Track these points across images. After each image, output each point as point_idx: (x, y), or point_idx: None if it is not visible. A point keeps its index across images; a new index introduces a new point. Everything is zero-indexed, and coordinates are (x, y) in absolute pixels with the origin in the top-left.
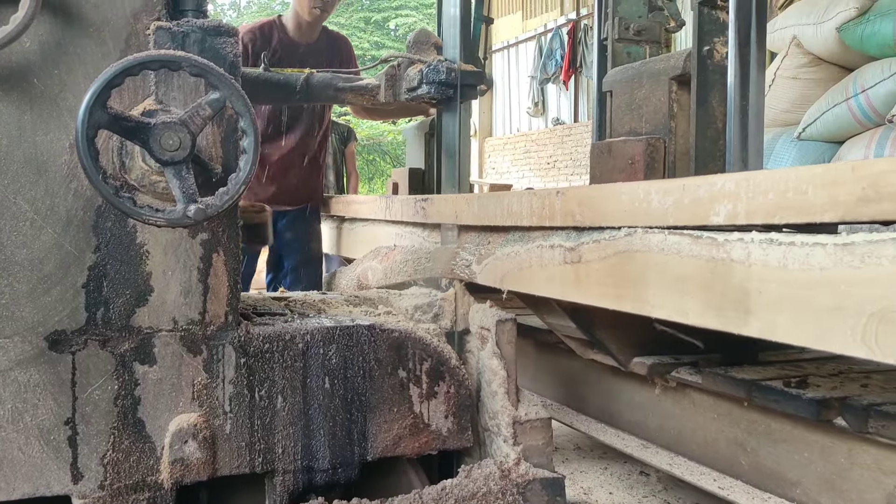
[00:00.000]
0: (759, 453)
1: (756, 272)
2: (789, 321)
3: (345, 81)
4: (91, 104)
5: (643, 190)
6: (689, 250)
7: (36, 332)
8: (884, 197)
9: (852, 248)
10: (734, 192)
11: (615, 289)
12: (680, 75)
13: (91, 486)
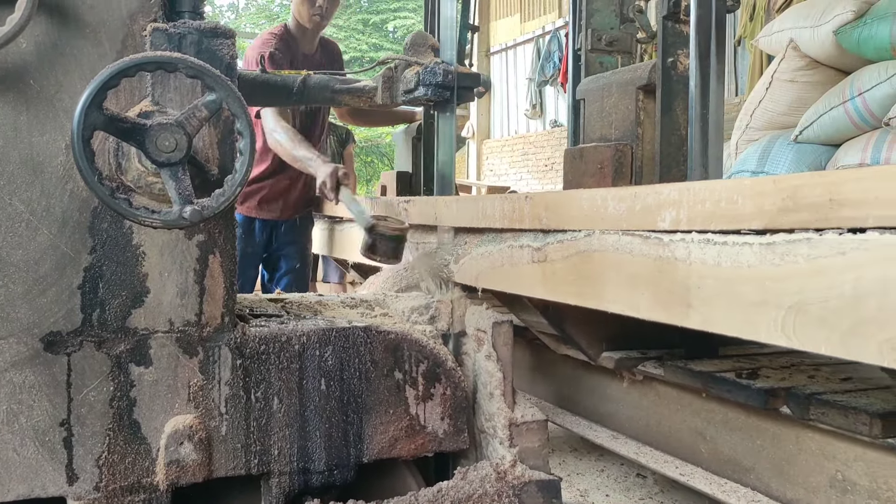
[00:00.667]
0: (718, 441)
1: (695, 269)
2: (723, 314)
3: (342, 83)
4: (87, 105)
5: (601, 196)
6: (639, 250)
7: (31, 334)
8: (801, 207)
9: (773, 247)
10: (678, 200)
11: (577, 286)
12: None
13: (86, 488)
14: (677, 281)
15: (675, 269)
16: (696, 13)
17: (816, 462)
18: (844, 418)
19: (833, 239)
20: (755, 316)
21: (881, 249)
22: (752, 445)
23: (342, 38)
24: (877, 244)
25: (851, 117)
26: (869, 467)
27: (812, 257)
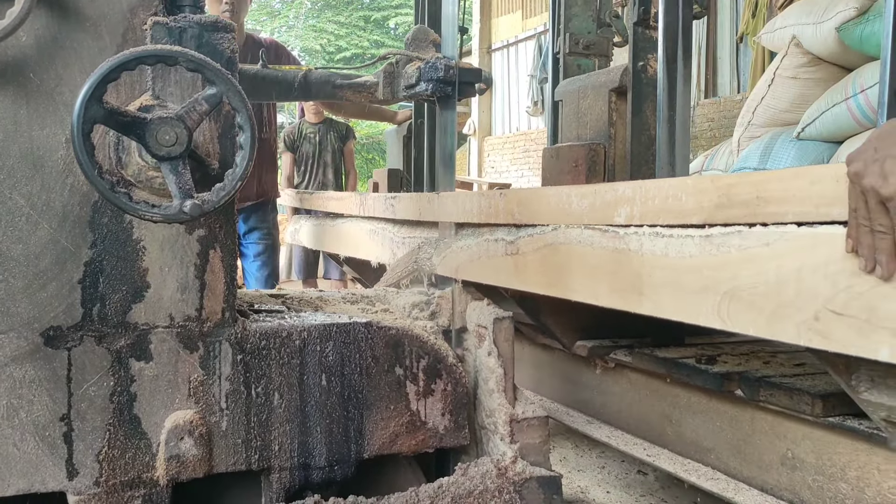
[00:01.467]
0: (682, 424)
1: (647, 260)
2: (670, 300)
3: (343, 79)
4: (87, 99)
5: (566, 193)
6: (599, 242)
7: (31, 328)
8: (734, 204)
9: (711, 238)
10: (632, 197)
11: (546, 277)
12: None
13: (86, 483)
14: (631, 271)
15: (630, 260)
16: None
17: (769, 442)
18: (790, 399)
19: (760, 231)
20: (696, 302)
21: (798, 240)
22: (713, 427)
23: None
24: (794, 236)
25: (854, 114)
26: (815, 445)
27: (743, 248)
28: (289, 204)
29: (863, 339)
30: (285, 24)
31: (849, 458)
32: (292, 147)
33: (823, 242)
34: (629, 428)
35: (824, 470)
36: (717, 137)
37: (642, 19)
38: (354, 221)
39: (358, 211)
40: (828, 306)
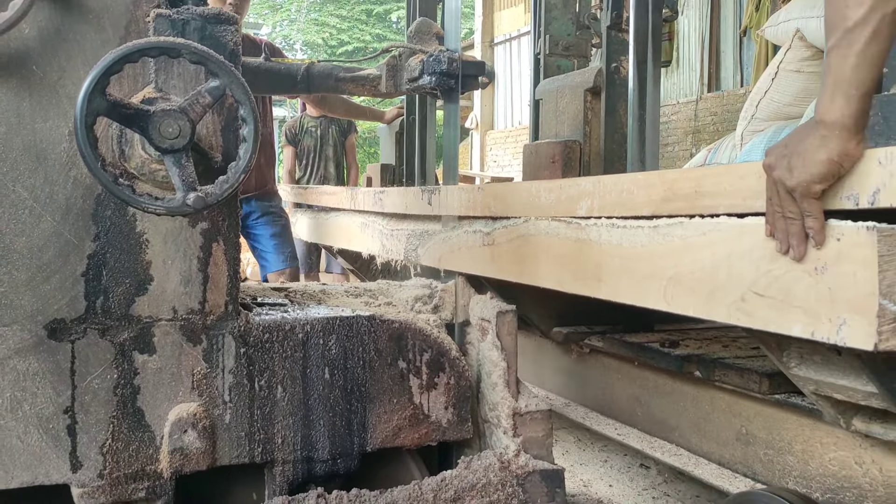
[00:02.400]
0: (650, 405)
1: (605, 249)
2: (625, 285)
3: (345, 72)
4: (90, 91)
5: (535, 188)
6: (563, 233)
7: (35, 321)
8: (677, 197)
9: (658, 229)
10: (592, 191)
11: (518, 265)
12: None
13: (90, 475)
14: (591, 259)
15: (590, 250)
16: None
17: (726, 419)
18: (741, 378)
19: (698, 222)
20: (646, 287)
21: (728, 230)
22: (677, 407)
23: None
24: (726, 226)
25: None
26: (766, 422)
27: (684, 237)
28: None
29: (780, 317)
30: (287, 17)
31: (795, 432)
32: (294, 141)
33: (749, 231)
34: (602, 409)
35: (774, 444)
36: (721, 131)
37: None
38: (347, 215)
39: (349, 205)
40: (752, 288)
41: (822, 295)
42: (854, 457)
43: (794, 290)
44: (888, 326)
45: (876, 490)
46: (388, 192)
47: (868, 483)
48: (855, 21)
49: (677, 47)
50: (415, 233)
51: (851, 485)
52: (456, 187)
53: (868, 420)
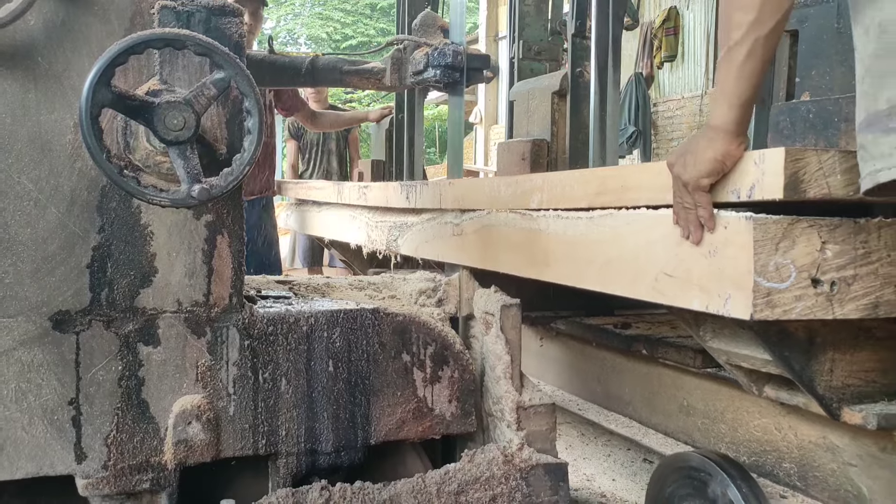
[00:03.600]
0: (608, 383)
1: (552, 238)
2: (568, 269)
3: (350, 65)
4: (95, 82)
5: (496, 183)
6: (519, 224)
7: (40, 312)
8: (608, 191)
9: (593, 220)
10: (541, 186)
11: (482, 253)
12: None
13: (94, 467)
14: (541, 246)
15: (540, 238)
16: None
17: (670, 393)
18: (679, 354)
19: (624, 213)
20: (585, 271)
21: (648, 220)
22: (631, 384)
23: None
24: (645, 216)
25: None
26: (703, 395)
27: (614, 227)
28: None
29: (683, 293)
30: (291, 11)
31: (726, 403)
32: (297, 135)
33: (662, 221)
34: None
35: (709, 414)
36: None
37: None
38: (336, 208)
39: (336, 199)
40: (664, 270)
41: (714, 274)
42: (774, 423)
43: (694, 271)
44: (761, 300)
45: (791, 452)
46: (371, 187)
47: (786, 446)
48: (735, 41)
49: (682, 42)
50: (395, 224)
51: (772, 448)
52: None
53: (777, 388)
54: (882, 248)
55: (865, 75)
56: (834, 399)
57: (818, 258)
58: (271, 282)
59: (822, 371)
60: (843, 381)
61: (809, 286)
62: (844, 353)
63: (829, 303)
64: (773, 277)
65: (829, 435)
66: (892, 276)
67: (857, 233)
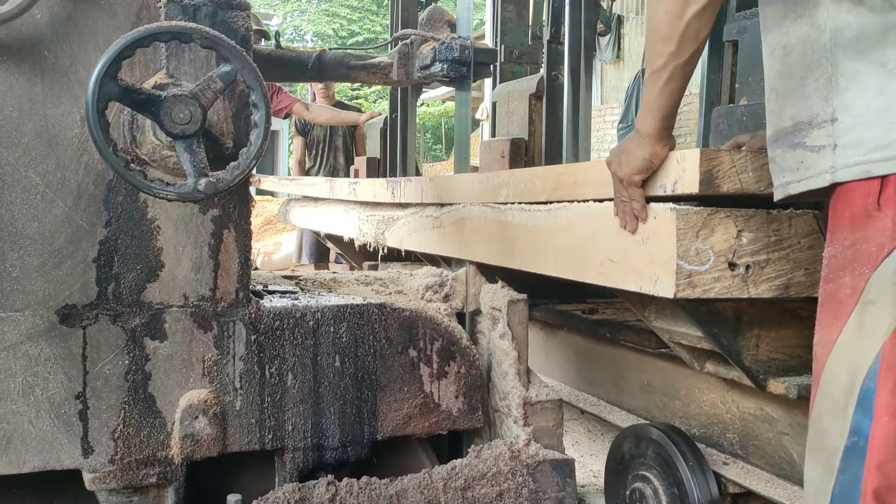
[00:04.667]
0: (580, 365)
1: (518, 229)
2: (530, 257)
3: (357, 59)
4: (101, 75)
5: (470, 179)
6: (489, 216)
7: (47, 306)
8: (563, 186)
9: (551, 212)
10: (508, 181)
11: (459, 244)
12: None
13: (101, 461)
14: (508, 236)
15: (507, 229)
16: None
17: (634, 374)
18: (638, 337)
19: (576, 206)
20: (543, 258)
21: (595, 212)
22: (600, 367)
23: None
24: (593, 208)
25: None
26: (662, 374)
27: (568, 218)
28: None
29: (622, 276)
30: (298, 8)
31: (680, 382)
32: (303, 131)
33: (606, 213)
34: (544, 371)
35: (667, 392)
36: None
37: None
38: (331, 203)
39: (328, 194)
40: (607, 256)
41: (646, 258)
42: (720, 398)
43: (630, 256)
44: (684, 281)
45: (734, 424)
46: (360, 183)
47: (729, 419)
48: (658, 67)
49: None
50: (383, 219)
51: (718, 421)
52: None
53: (716, 363)
54: (793, 235)
55: (771, 94)
56: (760, 371)
57: (734, 244)
58: (278, 277)
59: (749, 346)
60: (768, 356)
61: (726, 269)
62: (770, 330)
63: (744, 283)
64: (694, 261)
65: (766, 407)
66: (802, 260)
67: (770, 222)
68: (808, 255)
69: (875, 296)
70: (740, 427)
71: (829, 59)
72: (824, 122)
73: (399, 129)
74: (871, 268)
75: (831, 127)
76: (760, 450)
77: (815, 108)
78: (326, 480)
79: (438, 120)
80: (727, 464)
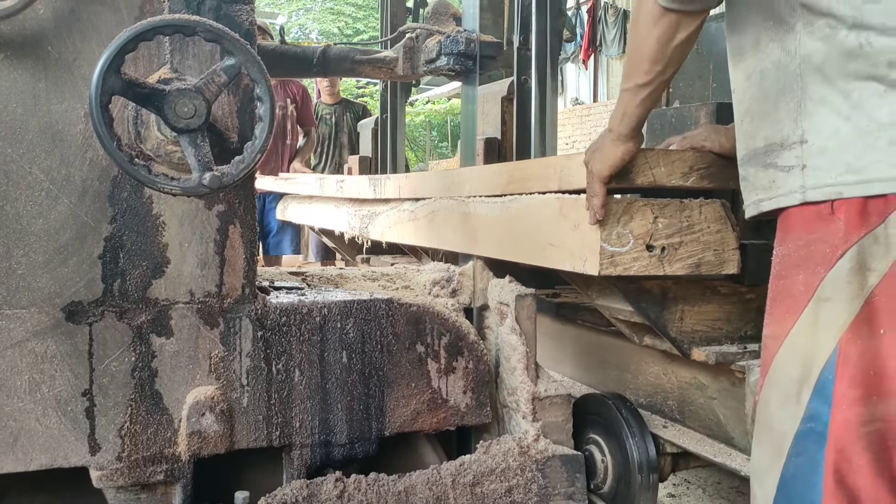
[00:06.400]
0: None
1: (480, 219)
2: (489, 245)
3: (362, 54)
4: (105, 69)
5: (442, 175)
6: (455, 208)
7: (53, 303)
8: (515, 181)
9: (505, 204)
10: (471, 177)
11: (431, 234)
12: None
13: (108, 458)
14: (471, 226)
15: (471, 220)
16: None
17: (593, 352)
18: (592, 316)
19: (526, 198)
20: (500, 245)
21: (539, 203)
22: (563, 346)
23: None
24: (539, 200)
25: None
26: (616, 351)
27: (519, 209)
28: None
29: (560, 258)
30: (303, 6)
31: (630, 357)
32: None
33: (549, 203)
34: None
35: (619, 366)
36: None
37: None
38: (324, 199)
39: (319, 192)
40: (548, 241)
41: (578, 242)
42: (662, 370)
43: (566, 240)
44: (607, 260)
45: (674, 392)
46: (346, 181)
47: (670, 388)
48: (644, 82)
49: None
50: (367, 214)
51: (661, 390)
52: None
53: (653, 337)
54: (703, 221)
55: (745, 116)
56: (685, 341)
57: (651, 229)
58: (284, 273)
59: (674, 319)
60: (692, 328)
61: (644, 250)
62: (693, 305)
63: (660, 263)
64: (616, 243)
65: (699, 376)
66: (711, 242)
67: (683, 210)
68: (717, 237)
69: (830, 293)
70: (678, 394)
71: (799, 83)
72: (794, 144)
73: (389, 129)
74: (826, 267)
75: (800, 148)
76: (694, 413)
77: (786, 131)
78: (334, 477)
79: (444, 117)
80: (666, 427)
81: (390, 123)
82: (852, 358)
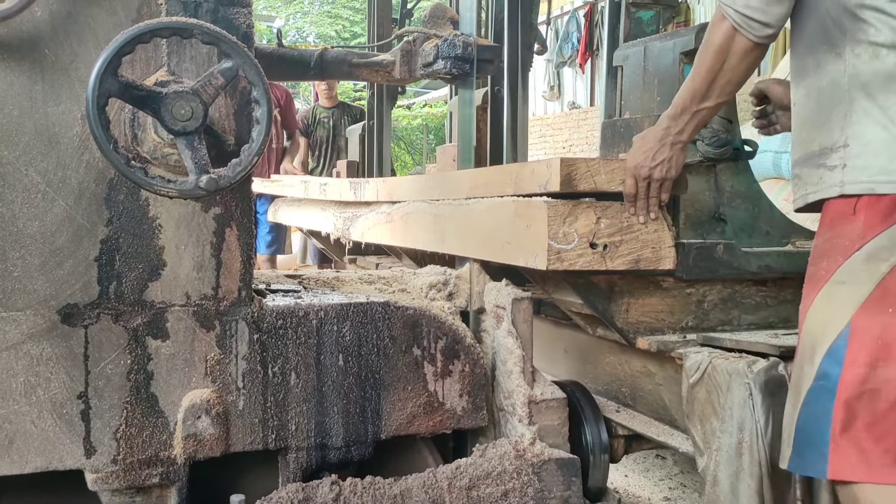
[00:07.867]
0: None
1: (448, 220)
2: (456, 243)
3: (359, 57)
4: (102, 72)
5: (415, 180)
6: (428, 210)
7: (48, 306)
8: (478, 186)
9: (470, 205)
10: (441, 183)
11: (405, 235)
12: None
13: (104, 461)
14: (440, 227)
15: (440, 221)
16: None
17: (558, 344)
18: (554, 310)
19: (486, 200)
20: (464, 242)
21: (498, 205)
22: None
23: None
24: (497, 203)
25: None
26: (577, 342)
27: (480, 211)
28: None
29: (515, 255)
30: (300, 9)
31: (589, 348)
32: (306, 132)
33: (506, 206)
34: None
35: (580, 357)
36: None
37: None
38: (311, 202)
39: (303, 194)
40: (506, 239)
41: (530, 240)
42: (617, 360)
43: (521, 239)
44: (554, 256)
45: (627, 380)
46: (329, 184)
47: (623, 376)
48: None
49: None
50: (350, 216)
51: (616, 378)
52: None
53: (606, 328)
54: (640, 222)
55: (804, 124)
56: (630, 332)
57: (594, 228)
58: (280, 276)
59: (620, 311)
60: (637, 319)
61: (588, 248)
62: (638, 298)
63: (602, 259)
64: (562, 241)
65: (648, 365)
66: (649, 241)
67: (623, 211)
68: (654, 236)
69: (845, 278)
70: (631, 382)
71: (847, 97)
72: (839, 147)
73: (375, 135)
74: (844, 257)
75: (844, 151)
76: (644, 399)
77: (834, 137)
78: (330, 480)
79: (441, 121)
80: (619, 412)
81: (377, 129)
82: (864, 330)
